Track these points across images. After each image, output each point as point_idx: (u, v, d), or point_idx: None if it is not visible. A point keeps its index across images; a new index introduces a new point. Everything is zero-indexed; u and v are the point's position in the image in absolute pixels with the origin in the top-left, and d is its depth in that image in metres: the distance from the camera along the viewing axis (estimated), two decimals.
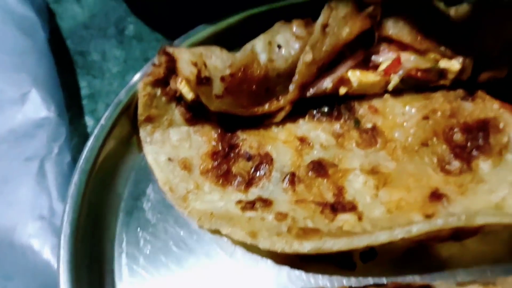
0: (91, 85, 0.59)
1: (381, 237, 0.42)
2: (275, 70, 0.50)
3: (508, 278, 0.40)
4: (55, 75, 0.54)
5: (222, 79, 0.48)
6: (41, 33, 0.55)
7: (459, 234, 0.44)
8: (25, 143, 0.48)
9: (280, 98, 0.52)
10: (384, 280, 0.45)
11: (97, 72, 0.60)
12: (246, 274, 0.46)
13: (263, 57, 0.50)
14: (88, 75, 0.60)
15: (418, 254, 0.47)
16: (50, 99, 0.50)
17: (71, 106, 0.57)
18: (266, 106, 0.52)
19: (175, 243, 0.48)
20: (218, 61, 0.48)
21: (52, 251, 0.44)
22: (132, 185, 0.51)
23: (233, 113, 0.51)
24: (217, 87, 0.48)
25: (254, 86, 0.50)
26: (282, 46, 0.51)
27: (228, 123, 0.53)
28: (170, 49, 0.48)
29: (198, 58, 0.47)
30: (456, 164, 0.51)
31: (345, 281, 0.46)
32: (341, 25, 0.50)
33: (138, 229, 0.48)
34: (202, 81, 0.47)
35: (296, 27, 0.51)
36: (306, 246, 0.43)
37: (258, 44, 0.50)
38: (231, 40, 0.56)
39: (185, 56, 0.47)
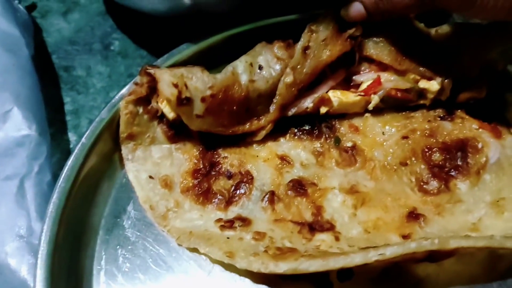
0: (75, 101, 0.60)
1: (355, 259, 0.42)
2: (256, 90, 0.51)
3: None
4: (38, 92, 0.54)
5: (203, 99, 0.48)
6: (24, 50, 0.55)
7: (434, 256, 0.44)
8: (5, 161, 0.48)
9: (261, 118, 0.52)
10: None
11: (81, 88, 0.61)
12: None
13: (244, 78, 0.50)
14: (72, 90, 0.61)
15: (394, 274, 0.48)
16: (32, 117, 0.51)
17: (54, 121, 0.58)
18: (247, 126, 0.52)
19: (153, 261, 0.48)
20: (199, 82, 0.48)
21: (29, 271, 0.45)
22: (113, 203, 0.51)
23: (214, 132, 0.52)
24: (198, 108, 0.49)
25: (235, 107, 0.50)
26: (263, 67, 0.51)
27: (210, 141, 0.53)
28: (151, 70, 0.48)
29: (179, 79, 0.47)
30: (434, 184, 0.51)
31: None
32: (322, 47, 0.51)
33: (118, 246, 0.49)
34: (182, 101, 0.47)
35: (277, 48, 0.52)
36: (282, 267, 0.44)
37: (240, 65, 0.51)
38: (213, 59, 0.57)
39: (166, 77, 0.47)
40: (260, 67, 0.51)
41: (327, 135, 0.54)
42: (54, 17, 0.67)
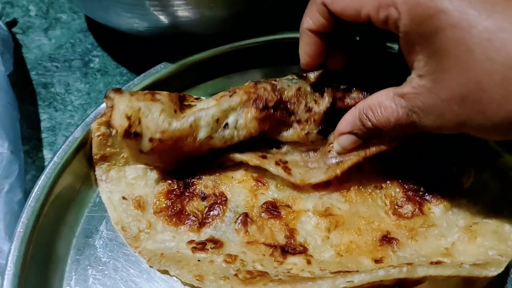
0: (52, 118, 0.60)
1: (322, 286, 0.42)
2: (209, 145, 0.50)
3: None
4: (13, 110, 0.54)
5: (151, 140, 0.47)
6: (0, 68, 0.55)
7: (403, 283, 0.44)
8: None
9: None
10: None
11: (59, 105, 0.61)
12: None
13: (202, 134, 0.49)
14: (50, 107, 0.60)
15: None
16: (5, 136, 0.50)
17: (30, 138, 0.58)
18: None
19: (124, 282, 0.48)
20: (152, 123, 0.46)
21: None
22: (85, 222, 0.51)
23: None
24: (144, 145, 0.47)
25: (182, 155, 0.50)
26: (229, 127, 0.49)
27: (185, 162, 0.53)
28: (112, 95, 0.48)
29: (134, 112, 0.46)
30: (408, 208, 0.51)
31: None
32: None
33: (88, 267, 0.48)
34: (130, 135, 0.46)
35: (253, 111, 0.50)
36: None
37: (204, 118, 0.48)
38: (191, 78, 0.57)
39: (122, 107, 0.46)
40: (226, 126, 0.49)
41: None
42: (35, 33, 0.67)
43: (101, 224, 0.51)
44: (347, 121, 0.48)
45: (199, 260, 0.47)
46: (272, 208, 0.51)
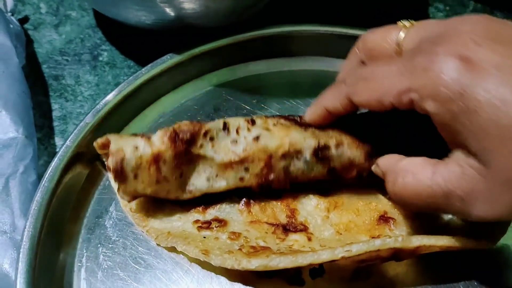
0: (63, 107, 0.62)
1: (323, 256, 0.44)
2: None
3: None
4: (26, 99, 0.56)
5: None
6: (14, 60, 0.58)
7: (398, 255, 0.46)
8: None
9: None
10: None
11: (69, 95, 0.63)
12: None
13: None
14: (61, 98, 0.63)
15: (365, 274, 0.49)
16: (19, 121, 0.53)
17: (42, 127, 0.60)
18: None
19: (133, 259, 0.50)
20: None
21: (11, 264, 0.46)
22: (95, 204, 0.53)
23: None
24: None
25: None
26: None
27: None
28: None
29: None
30: None
31: None
32: None
33: (99, 245, 0.50)
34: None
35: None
36: (254, 263, 0.45)
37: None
38: (195, 69, 0.60)
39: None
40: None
41: None
42: (46, 29, 0.70)
43: (111, 206, 0.53)
44: (382, 161, 0.46)
45: (204, 237, 0.49)
46: (275, 190, 0.53)
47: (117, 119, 0.57)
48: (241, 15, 0.61)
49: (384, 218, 0.51)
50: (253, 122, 0.50)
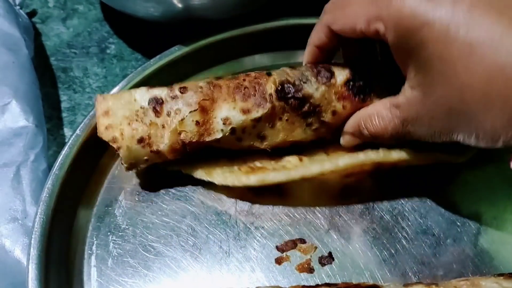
0: (71, 99, 0.63)
1: (313, 169, 0.48)
2: None
3: (451, 281, 0.43)
4: (36, 89, 0.57)
5: None
6: (24, 51, 0.58)
7: (380, 168, 0.51)
8: (3, 150, 0.50)
9: None
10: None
11: (78, 87, 0.64)
12: (210, 277, 0.49)
13: None
14: (69, 89, 0.64)
15: (352, 191, 0.53)
16: (29, 111, 0.53)
17: (51, 117, 0.61)
18: None
19: (143, 246, 0.50)
20: None
21: (22, 250, 0.47)
22: (105, 192, 0.53)
23: None
24: None
25: None
26: None
27: None
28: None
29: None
30: None
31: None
32: None
33: (109, 233, 0.51)
34: None
35: None
36: (252, 179, 0.49)
37: None
38: (203, 61, 0.60)
39: None
40: None
41: None
42: (53, 22, 0.70)
43: (120, 195, 0.53)
44: (349, 125, 0.50)
45: (207, 161, 0.52)
46: None
47: None
48: (247, 7, 0.62)
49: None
50: None
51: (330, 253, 0.49)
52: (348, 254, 0.49)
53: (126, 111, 0.49)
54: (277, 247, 0.50)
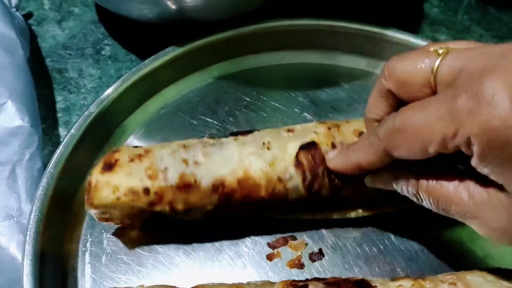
0: (66, 99, 0.64)
1: None
2: None
3: (438, 276, 0.44)
4: (31, 89, 0.58)
5: None
6: (20, 52, 0.59)
7: None
8: None
9: None
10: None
11: (73, 88, 0.65)
12: (202, 273, 0.49)
13: None
14: (65, 90, 0.64)
15: None
16: (25, 111, 0.54)
17: (46, 118, 0.61)
18: None
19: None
20: None
21: (17, 247, 0.47)
22: None
23: None
24: None
25: None
26: None
27: None
28: None
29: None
30: None
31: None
32: None
33: (103, 231, 0.52)
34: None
35: None
36: None
37: None
38: (197, 62, 0.61)
39: None
40: None
41: None
42: (49, 24, 0.71)
43: None
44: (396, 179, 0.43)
45: None
46: None
47: (120, 109, 0.58)
48: (241, 9, 0.63)
49: None
50: None
51: (320, 250, 0.50)
52: (337, 250, 0.50)
53: None
54: (268, 244, 0.51)
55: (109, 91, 0.57)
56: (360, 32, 0.63)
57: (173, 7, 0.58)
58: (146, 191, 0.46)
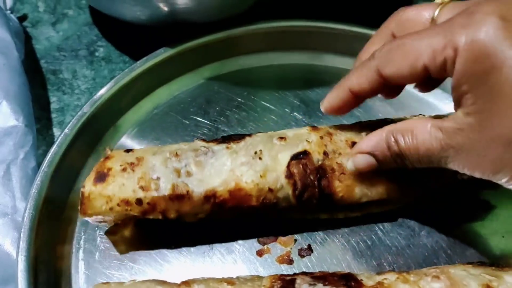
0: (60, 100, 0.65)
1: None
2: None
3: (422, 269, 0.45)
4: (26, 90, 0.59)
5: None
6: (15, 53, 0.60)
7: None
8: None
9: None
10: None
11: (67, 89, 0.66)
12: (193, 268, 0.50)
13: None
14: (59, 91, 0.66)
15: None
16: (20, 111, 0.55)
17: (41, 118, 0.62)
18: None
19: None
20: None
21: (12, 243, 0.48)
22: None
23: None
24: None
25: None
26: None
27: None
28: None
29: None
30: None
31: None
32: None
33: (96, 228, 0.53)
34: None
35: None
36: None
37: None
38: (189, 63, 0.62)
39: None
40: None
41: None
42: (44, 26, 0.72)
43: None
44: (370, 141, 0.45)
45: None
46: None
47: (113, 110, 0.59)
48: (232, 11, 0.64)
49: None
50: None
51: (309, 245, 0.51)
52: (326, 246, 0.51)
53: None
54: (258, 240, 0.52)
55: (102, 91, 0.58)
56: (349, 33, 0.64)
57: (165, 9, 0.60)
58: (139, 201, 0.47)
